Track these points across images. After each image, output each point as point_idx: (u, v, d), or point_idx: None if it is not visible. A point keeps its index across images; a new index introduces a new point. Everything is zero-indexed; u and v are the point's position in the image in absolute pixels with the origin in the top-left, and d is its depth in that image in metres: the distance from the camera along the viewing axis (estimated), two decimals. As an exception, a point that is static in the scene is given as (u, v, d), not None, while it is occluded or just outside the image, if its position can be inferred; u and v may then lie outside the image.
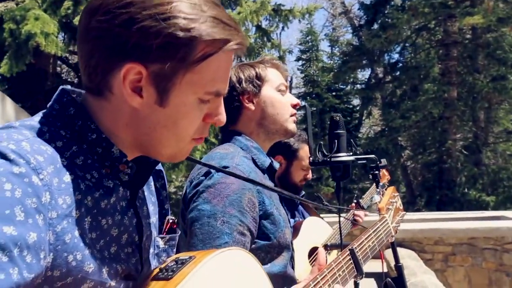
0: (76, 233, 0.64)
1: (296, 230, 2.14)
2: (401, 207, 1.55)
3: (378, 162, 1.54)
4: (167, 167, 7.96)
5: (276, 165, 1.49)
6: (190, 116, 0.71)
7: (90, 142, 0.70)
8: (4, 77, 7.91)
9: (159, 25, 0.64)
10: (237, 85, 1.43)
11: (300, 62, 22.26)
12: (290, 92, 1.57)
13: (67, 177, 0.65)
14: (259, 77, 1.44)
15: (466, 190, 14.87)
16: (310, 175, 2.33)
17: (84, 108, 0.72)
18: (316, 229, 2.24)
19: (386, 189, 1.56)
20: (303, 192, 2.40)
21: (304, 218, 2.33)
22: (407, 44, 17.08)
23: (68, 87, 0.75)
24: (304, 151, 2.25)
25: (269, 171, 1.43)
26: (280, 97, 1.45)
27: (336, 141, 1.47)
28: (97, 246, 0.68)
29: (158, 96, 0.68)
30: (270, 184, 1.39)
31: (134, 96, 0.68)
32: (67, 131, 0.70)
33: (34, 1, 7.46)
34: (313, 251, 2.14)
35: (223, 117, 0.76)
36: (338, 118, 1.53)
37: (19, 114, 5.12)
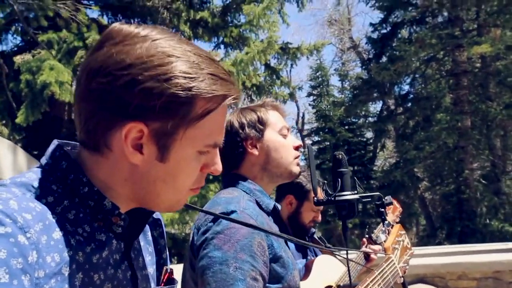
0: None
1: (308, 269, 2.09)
2: (409, 245, 1.51)
3: (383, 199, 1.51)
4: (182, 209, 7.94)
5: (279, 207, 1.48)
6: (189, 169, 0.73)
7: (82, 196, 0.71)
8: (21, 126, 8.10)
9: (161, 86, 0.66)
10: (240, 130, 1.43)
11: (311, 98, 22.44)
12: (303, 128, 1.57)
13: (57, 234, 0.65)
14: (261, 121, 1.44)
15: (487, 220, 14.48)
16: (319, 218, 2.29)
17: (76, 162, 0.73)
18: (328, 268, 2.19)
19: (392, 227, 1.52)
20: (314, 230, 2.36)
21: (316, 256, 2.29)
22: (417, 75, 17.15)
23: (62, 140, 0.77)
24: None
25: (273, 213, 1.42)
26: (283, 140, 1.45)
27: (339, 179, 1.46)
28: None
29: (159, 152, 0.70)
30: (275, 227, 1.37)
31: (135, 153, 0.69)
32: (59, 185, 0.70)
33: (49, 52, 7.73)
34: (327, 291, 2.09)
35: (219, 167, 0.77)
36: (340, 156, 1.52)
37: (31, 164, 5.21)
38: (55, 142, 0.75)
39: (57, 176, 0.71)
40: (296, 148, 1.47)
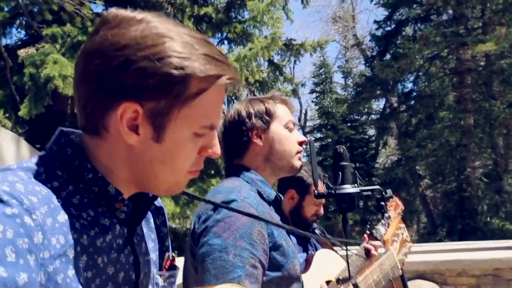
0: (70, 272, 0.65)
1: (308, 263, 2.11)
2: (408, 239, 1.53)
3: (383, 193, 1.52)
4: (183, 203, 7.96)
5: (281, 197, 1.49)
6: (186, 151, 0.73)
7: (87, 182, 0.72)
8: (24, 120, 8.13)
9: (154, 65, 0.67)
10: (247, 120, 1.45)
11: (314, 95, 22.41)
12: (305, 124, 1.60)
13: (62, 217, 0.66)
14: (268, 113, 1.46)
15: (488, 218, 14.47)
16: (321, 211, 2.30)
17: (81, 148, 0.74)
18: (328, 262, 2.20)
19: (391, 220, 1.54)
20: (315, 226, 2.38)
21: (317, 250, 2.30)
22: (420, 73, 17.10)
23: (67, 128, 0.78)
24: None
25: (274, 203, 1.43)
26: (288, 134, 1.47)
27: (340, 173, 1.48)
28: (92, 286, 0.68)
29: (155, 132, 0.71)
30: (276, 216, 1.39)
31: (131, 134, 0.70)
32: (64, 171, 0.72)
33: (53, 46, 7.75)
34: (327, 285, 2.10)
35: (217, 149, 0.78)
36: (342, 150, 1.54)
37: (34, 155, 5.23)
38: (59, 129, 0.77)
39: (62, 162, 0.73)
40: (300, 143, 1.48)
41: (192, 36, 0.71)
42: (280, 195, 1.49)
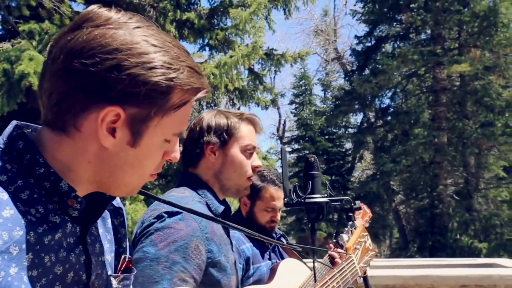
0: (12, 270, 0.62)
1: (273, 272, 2.08)
2: (371, 247, 1.53)
3: (352, 204, 1.53)
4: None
5: (232, 208, 1.49)
6: (154, 156, 0.75)
7: (38, 176, 0.69)
8: (-5, 116, 7.92)
9: (146, 73, 0.68)
10: (206, 133, 1.44)
11: (294, 106, 22.56)
12: (283, 135, 1.59)
13: (7, 212, 0.63)
14: (229, 131, 1.44)
15: (458, 236, 14.74)
16: (278, 217, 2.27)
17: (33, 143, 0.71)
18: (294, 271, 2.18)
19: (355, 228, 1.54)
20: (280, 233, 2.35)
21: (283, 259, 2.27)
22: (398, 90, 17.42)
23: (22, 122, 0.75)
24: (269, 192, 2.20)
25: (223, 216, 1.41)
26: (242, 157, 1.45)
27: (310, 182, 1.47)
28: (37, 285, 0.65)
29: (132, 137, 0.71)
30: (220, 230, 1.37)
31: (108, 137, 0.70)
32: (13, 165, 0.69)
33: (29, 42, 7.60)
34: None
35: (178, 154, 0.80)
36: (313, 159, 1.53)
37: None
38: (13, 123, 0.74)
39: (12, 155, 0.70)
40: (254, 168, 1.47)
41: (177, 46, 0.73)
42: (229, 208, 1.48)
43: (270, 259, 2.26)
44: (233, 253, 1.39)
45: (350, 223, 1.52)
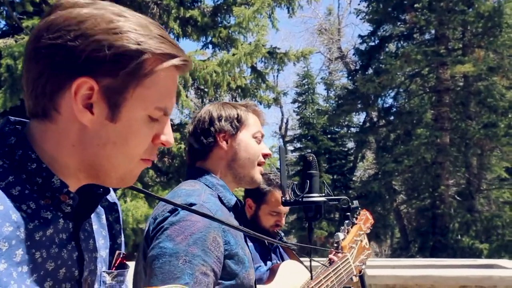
0: (1, 266, 0.61)
1: (273, 272, 2.08)
2: (367, 246, 1.53)
3: (350, 203, 1.52)
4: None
5: (241, 202, 1.47)
6: (140, 134, 0.72)
7: (30, 172, 0.69)
8: (-2, 111, 7.93)
9: (111, 38, 0.67)
10: (216, 121, 1.43)
11: (296, 104, 22.54)
12: (286, 134, 1.59)
13: None
14: (239, 119, 1.44)
15: (459, 236, 14.71)
16: (283, 222, 2.26)
17: (26, 138, 0.71)
18: (294, 273, 2.18)
19: (352, 227, 1.53)
20: (282, 234, 2.35)
21: (283, 260, 2.27)
22: (401, 90, 17.38)
23: (16, 118, 0.75)
24: (274, 196, 2.18)
25: (235, 209, 1.41)
26: (254, 143, 1.45)
27: (308, 181, 1.47)
28: (27, 281, 0.65)
29: (110, 111, 0.69)
30: (235, 223, 1.37)
31: (85, 112, 0.68)
32: (5, 160, 0.69)
33: (33, 37, 7.61)
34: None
35: (170, 138, 0.76)
36: (311, 158, 1.53)
37: None
38: (6, 118, 0.74)
39: (4, 151, 0.70)
40: (264, 156, 1.47)
41: (147, 20, 0.72)
42: (241, 202, 1.47)
43: (270, 260, 2.25)
44: (247, 247, 1.36)
45: (346, 221, 1.52)
